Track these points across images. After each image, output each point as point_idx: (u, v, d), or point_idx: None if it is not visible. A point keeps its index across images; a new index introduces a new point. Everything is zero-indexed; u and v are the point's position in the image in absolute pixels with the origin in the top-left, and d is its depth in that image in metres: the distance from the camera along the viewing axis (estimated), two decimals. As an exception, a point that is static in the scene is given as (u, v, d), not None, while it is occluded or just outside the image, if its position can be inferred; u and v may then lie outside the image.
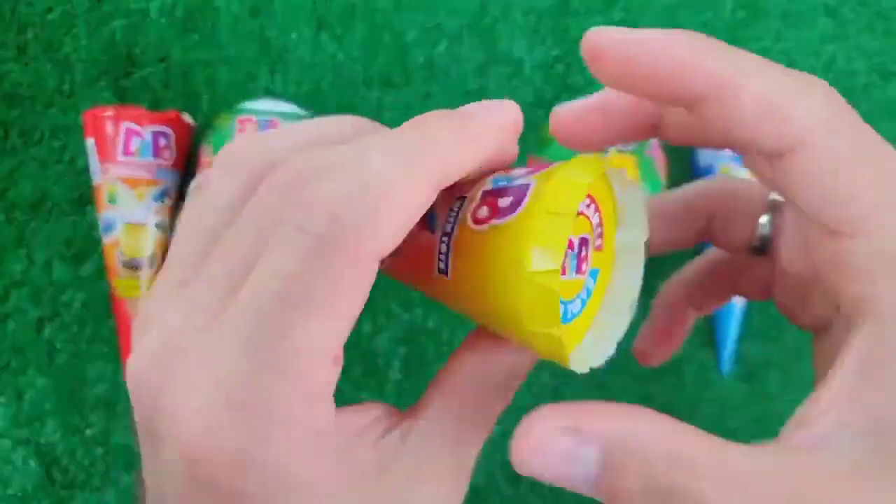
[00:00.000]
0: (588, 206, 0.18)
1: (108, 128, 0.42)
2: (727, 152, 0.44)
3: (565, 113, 0.20)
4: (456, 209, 0.18)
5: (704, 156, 0.46)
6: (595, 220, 0.19)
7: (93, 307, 0.46)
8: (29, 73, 0.48)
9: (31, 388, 0.46)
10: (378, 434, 0.17)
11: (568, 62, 0.48)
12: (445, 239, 0.18)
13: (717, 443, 0.15)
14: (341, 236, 0.14)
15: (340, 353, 0.16)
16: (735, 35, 0.48)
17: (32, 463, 0.45)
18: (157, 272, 0.45)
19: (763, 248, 0.21)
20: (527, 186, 0.17)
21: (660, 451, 0.15)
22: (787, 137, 0.14)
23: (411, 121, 0.16)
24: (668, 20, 0.48)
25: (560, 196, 0.16)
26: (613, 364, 0.17)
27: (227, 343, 0.15)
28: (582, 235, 0.18)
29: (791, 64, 0.48)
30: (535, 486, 0.47)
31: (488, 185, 0.18)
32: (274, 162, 0.16)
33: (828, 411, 0.14)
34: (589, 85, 0.48)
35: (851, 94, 0.48)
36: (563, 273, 0.17)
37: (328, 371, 0.16)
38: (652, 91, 0.16)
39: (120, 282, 0.44)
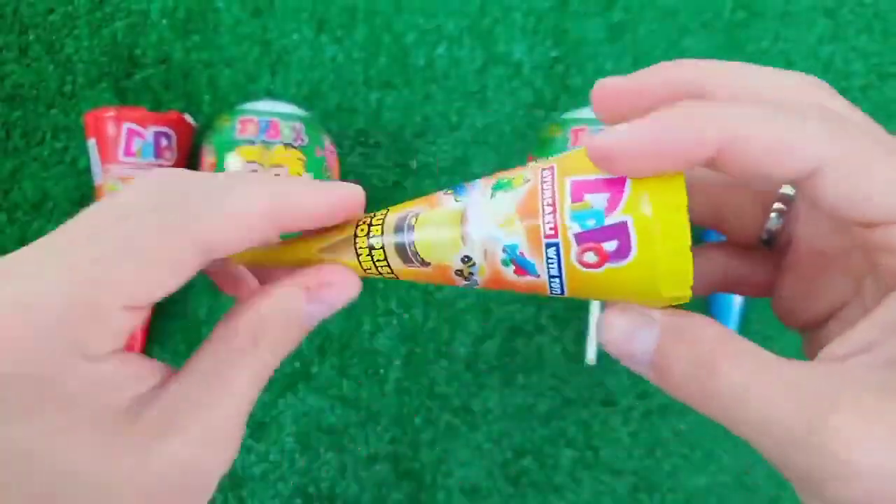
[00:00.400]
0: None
1: (110, 128, 0.42)
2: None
3: (612, 86, 0.20)
4: (553, 255, 0.19)
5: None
6: None
7: (94, 307, 0.47)
8: (31, 75, 0.48)
9: (33, 388, 0.46)
10: (137, 388, 0.19)
11: (567, 63, 0.48)
12: (557, 280, 0.19)
13: (760, 348, 0.17)
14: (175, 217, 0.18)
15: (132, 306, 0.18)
16: (734, 36, 0.49)
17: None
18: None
19: (771, 241, 0.22)
20: (624, 225, 0.18)
21: (709, 334, 0.17)
22: (798, 168, 0.17)
23: None
24: (668, 21, 0.49)
25: (671, 231, 0.18)
26: (613, 363, 0.18)
27: None
28: None
29: (789, 65, 0.49)
30: (535, 485, 0.47)
31: (572, 225, 0.18)
32: None
33: (858, 339, 0.17)
34: (588, 86, 0.48)
35: (849, 95, 0.48)
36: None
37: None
38: (670, 169, 0.18)
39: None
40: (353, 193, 0.21)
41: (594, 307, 0.45)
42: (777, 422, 0.16)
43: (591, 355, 0.46)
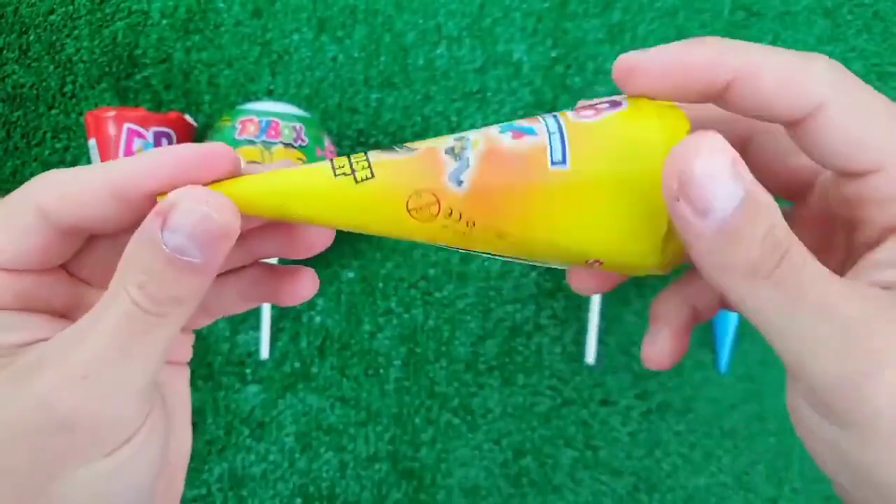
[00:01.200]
0: None
1: (111, 129, 0.42)
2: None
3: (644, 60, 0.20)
4: (551, 118, 0.20)
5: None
6: None
7: (95, 307, 0.47)
8: (31, 75, 0.48)
9: (33, 388, 0.46)
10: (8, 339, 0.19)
11: (567, 63, 0.48)
12: (557, 134, 0.19)
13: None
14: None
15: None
16: (733, 36, 0.49)
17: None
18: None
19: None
20: (617, 99, 0.20)
21: (785, 226, 0.17)
22: (803, 103, 0.17)
23: None
24: (667, 21, 0.49)
25: (664, 111, 0.19)
26: (613, 363, 0.18)
27: None
28: None
29: (789, 65, 0.49)
30: (535, 484, 0.47)
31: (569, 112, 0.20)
32: None
33: (882, 277, 0.17)
34: (588, 86, 0.48)
35: (849, 95, 0.48)
36: None
37: None
38: (684, 91, 0.19)
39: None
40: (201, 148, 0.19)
41: (594, 305, 0.46)
42: (833, 319, 0.16)
43: (591, 355, 0.46)
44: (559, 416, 0.47)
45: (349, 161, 0.19)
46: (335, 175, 0.19)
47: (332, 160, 0.19)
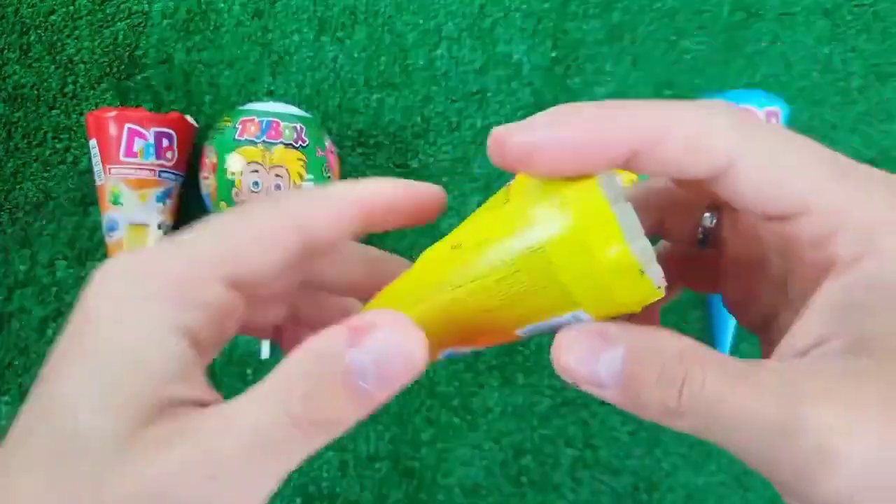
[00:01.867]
0: None
1: (111, 129, 0.42)
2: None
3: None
4: None
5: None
6: None
7: (96, 307, 0.47)
8: (32, 75, 0.48)
9: (34, 388, 0.46)
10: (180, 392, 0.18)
11: (567, 64, 0.48)
12: None
13: (726, 355, 0.17)
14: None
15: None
16: (732, 36, 0.49)
17: (36, 461, 0.46)
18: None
19: (706, 240, 0.23)
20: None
21: (674, 349, 0.17)
22: (712, 163, 0.17)
23: None
24: (667, 22, 0.49)
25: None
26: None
27: None
28: None
29: (788, 66, 0.49)
30: (535, 484, 0.47)
31: None
32: None
33: (810, 332, 0.17)
34: (588, 87, 0.48)
35: (848, 95, 0.48)
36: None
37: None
38: (588, 169, 0.18)
39: (123, 282, 0.44)
40: (434, 190, 0.20)
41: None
42: (754, 423, 0.16)
43: (590, 355, 0.46)
44: (559, 415, 0.47)
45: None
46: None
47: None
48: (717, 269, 0.23)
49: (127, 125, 0.42)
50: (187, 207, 0.47)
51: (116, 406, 0.17)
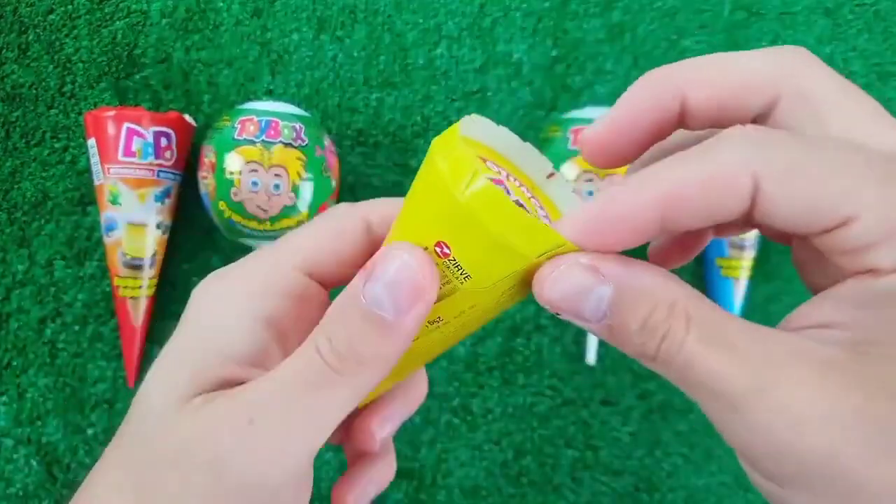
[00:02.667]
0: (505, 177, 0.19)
1: (110, 128, 0.42)
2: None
3: (595, 139, 0.20)
4: None
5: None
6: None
7: (94, 307, 0.47)
8: (30, 74, 0.48)
9: (32, 388, 0.46)
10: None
11: (567, 63, 0.48)
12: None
13: (718, 310, 0.17)
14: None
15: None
16: (733, 36, 0.49)
17: (34, 462, 0.46)
18: (157, 272, 0.45)
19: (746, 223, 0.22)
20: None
21: (665, 298, 0.16)
22: (742, 204, 0.16)
23: None
24: (668, 22, 0.49)
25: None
26: (613, 363, 0.18)
27: None
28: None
29: (789, 65, 0.49)
30: (535, 484, 0.47)
31: None
32: None
33: (815, 315, 0.17)
34: (588, 86, 0.48)
35: (849, 94, 0.48)
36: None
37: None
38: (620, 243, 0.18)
39: (121, 281, 0.44)
40: None
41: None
42: (721, 390, 0.16)
43: (591, 355, 0.46)
44: (559, 416, 0.47)
45: None
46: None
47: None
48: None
49: (125, 124, 0.42)
50: (186, 207, 0.47)
51: (178, 383, 0.18)
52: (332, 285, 0.21)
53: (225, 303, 0.19)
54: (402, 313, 0.17)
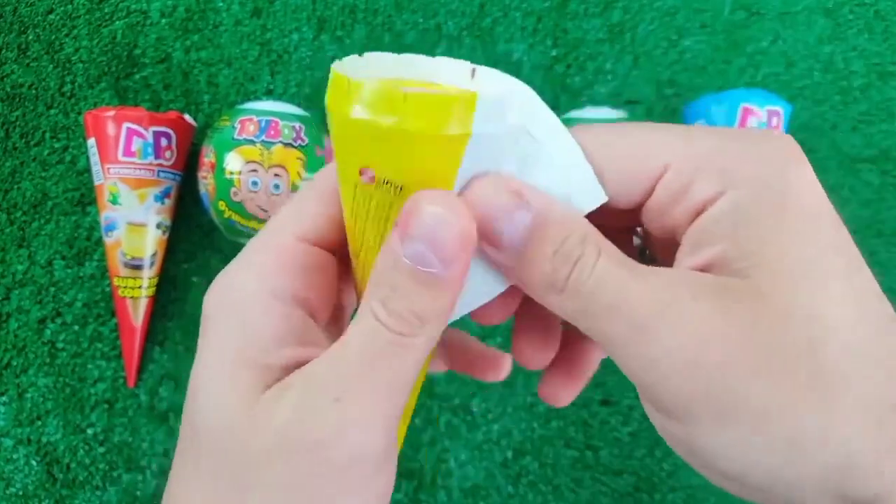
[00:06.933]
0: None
1: (110, 128, 0.42)
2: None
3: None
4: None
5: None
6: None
7: (94, 307, 0.47)
8: (30, 74, 0.48)
9: (32, 388, 0.46)
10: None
11: (567, 63, 0.48)
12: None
13: (624, 256, 0.18)
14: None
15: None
16: (733, 36, 0.49)
17: (34, 462, 0.46)
18: (157, 272, 0.45)
19: (645, 256, 0.23)
20: None
21: (580, 231, 0.17)
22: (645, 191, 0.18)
23: None
24: (668, 21, 0.49)
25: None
26: (613, 363, 0.18)
27: None
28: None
29: (789, 65, 0.49)
30: (534, 484, 0.47)
31: None
32: None
33: (687, 258, 0.18)
34: (588, 86, 0.48)
35: (849, 94, 0.48)
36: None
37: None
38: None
39: (121, 281, 0.44)
40: None
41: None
42: (630, 310, 0.16)
43: (591, 355, 0.46)
44: (559, 416, 0.47)
45: None
46: None
47: None
48: None
49: (125, 124, 0.42)
50: (186, 207, 0.47)
51: (238, 386, 0.17)
52: (336, 250, 0.20)
53: (243, 296, 0.19)
54: (449, 264, 0.17)
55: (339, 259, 0.21)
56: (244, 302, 0.18)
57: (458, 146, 0.16)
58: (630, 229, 0.22)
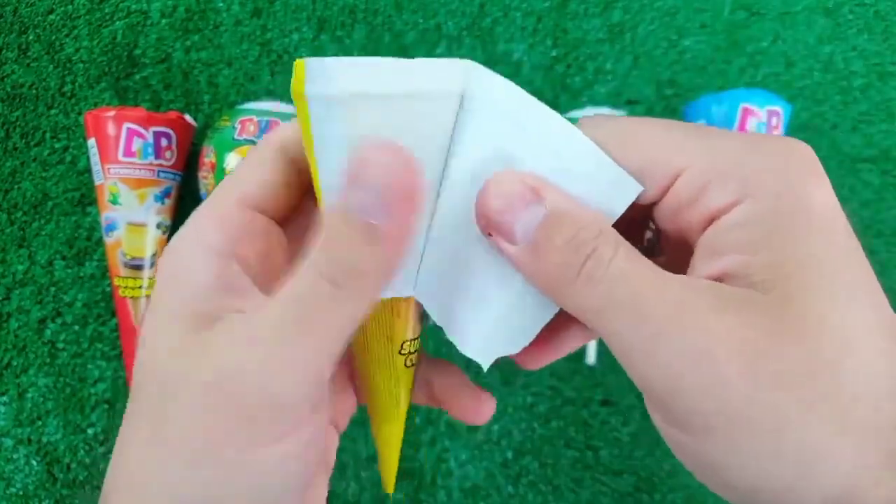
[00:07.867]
0: None
1: (110, 128, 0.42)
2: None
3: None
4: None
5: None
6: None
7: (94, 307, 0.47)
8: (30, 74, 0.48)
9: (32, 388, 0.46)
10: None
11: (567, 63, 0.48)
12: None
13: (644, 258, 0.17)
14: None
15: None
16: (733, 36, 0.49)
17: (34, 462, 0.46)
18: (157, 272, 0.45)
19: (652, 250, 0.23)
20: None
21: (596, 226, 0.17)
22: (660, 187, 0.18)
23: None
24: (668, 21, 0.49)
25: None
26: (613, 363, 0.18)
27: None
28: None
29: (789, 65, 0.49)
30: (534, 484, 0.47)
31: None
32: None
33: (703, 268, 0.18)
34: (588, 86, 0.48)
35: (849, 94, 0.48)
36: None
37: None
38: None
39: (121, 281, 0.44)
40: None
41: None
42: (649, 310, 0.16)
43: (591, 355, 0.46)
44: (559, 416, 0.47)
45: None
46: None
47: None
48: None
49: (125, 125, 0.42)
50: (186, 207, 0.47)
51: (171, 325, 0.18)
52: (283, 217, 0.21)
53: (185, 252, 0.19)
54: (392, 218, 0.17)
55: (285, 228, 0.21)
56: (181, 256, 0.19)
57: (302, 106, 0.17)
58: (639, 224, 0.22)
